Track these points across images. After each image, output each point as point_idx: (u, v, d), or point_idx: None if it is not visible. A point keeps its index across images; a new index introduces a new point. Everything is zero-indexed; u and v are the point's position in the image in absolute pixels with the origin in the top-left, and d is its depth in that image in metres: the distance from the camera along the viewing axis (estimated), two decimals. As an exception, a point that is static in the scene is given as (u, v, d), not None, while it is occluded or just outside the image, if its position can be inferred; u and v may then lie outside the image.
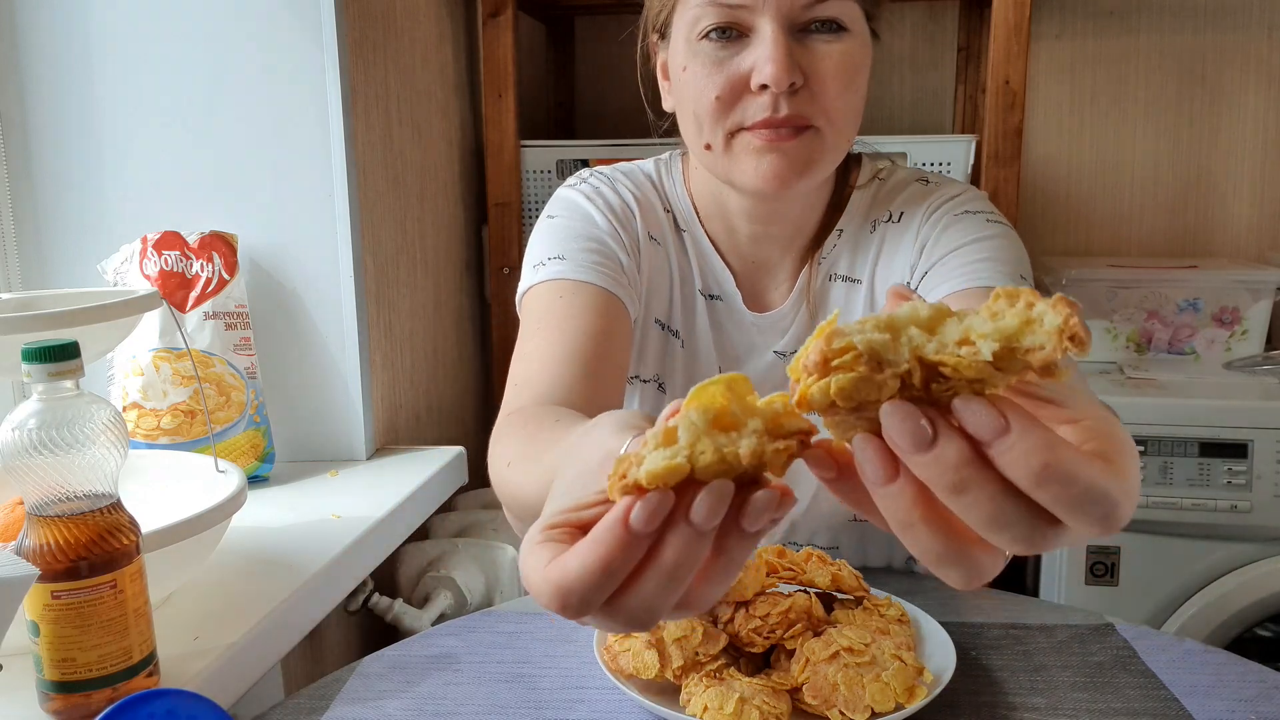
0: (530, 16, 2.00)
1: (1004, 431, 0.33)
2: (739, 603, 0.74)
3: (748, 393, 0.37)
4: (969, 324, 0.34)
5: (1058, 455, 0.32)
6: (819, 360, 0.34)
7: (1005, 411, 0.33)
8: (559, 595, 0.36)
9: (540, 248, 0.88)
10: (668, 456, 0.35)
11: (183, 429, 1.15)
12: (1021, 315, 0.33)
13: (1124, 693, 0.72)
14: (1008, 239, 0.84)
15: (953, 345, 0.34)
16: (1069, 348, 0.32)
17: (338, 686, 0.76)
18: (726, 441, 0.36)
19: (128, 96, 1.26)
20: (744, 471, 0.36)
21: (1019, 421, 0.33)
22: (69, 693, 0.67)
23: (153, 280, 1.18)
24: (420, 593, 1.43)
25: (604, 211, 0.90)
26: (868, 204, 0.92)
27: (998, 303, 0.34)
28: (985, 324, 0.33)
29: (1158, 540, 1.61)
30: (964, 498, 0.34)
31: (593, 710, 0.71)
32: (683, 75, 0.81)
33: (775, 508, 0.36)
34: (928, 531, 0.35)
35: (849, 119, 0.81)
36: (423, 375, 1.59)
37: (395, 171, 1.46)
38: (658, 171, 0.96)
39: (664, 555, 0.36)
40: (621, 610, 0.37)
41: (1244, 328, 1.80)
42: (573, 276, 0.84)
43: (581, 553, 0.36)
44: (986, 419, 0.33)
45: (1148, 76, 2.03)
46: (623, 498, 0.36)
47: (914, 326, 0.35)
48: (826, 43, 0.77)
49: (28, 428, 0.65)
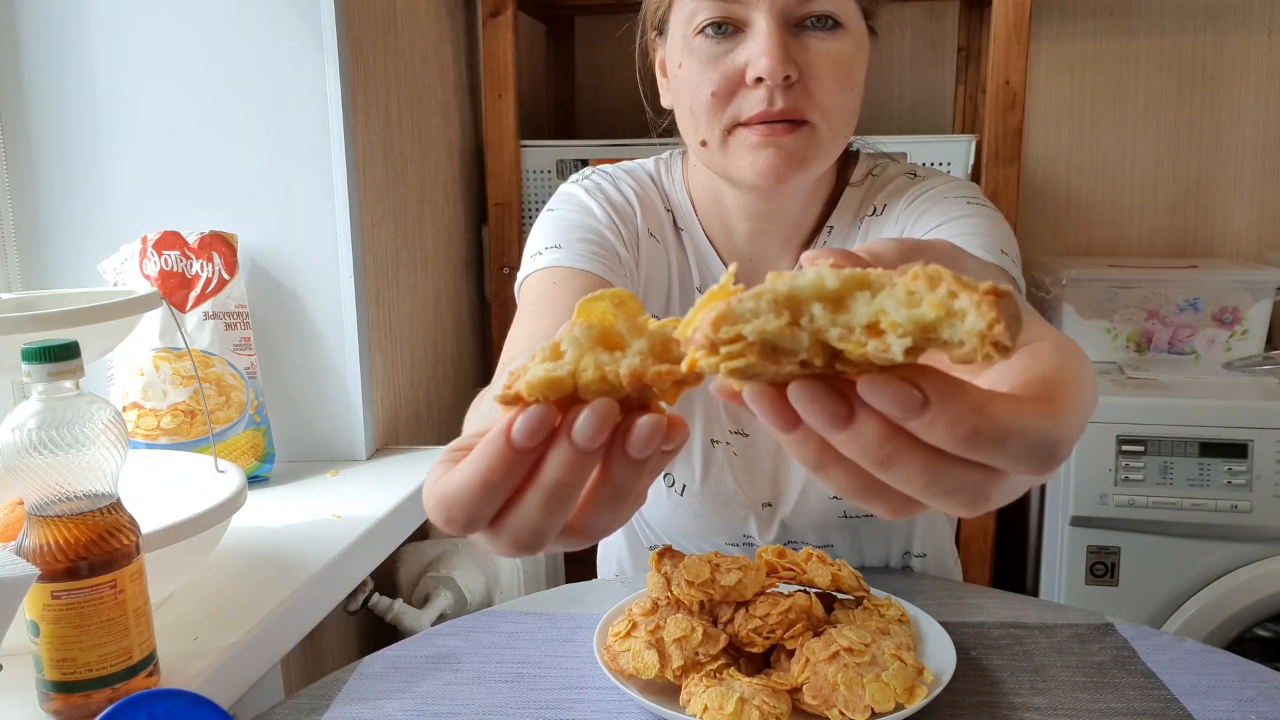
0: (530, 16, 2.00)
1: (922, 407, 0.30)
2: (739, 603, 0.74)
3: (638, 313, 0.35)
4: (880, 304, 0.30)
5: (985, 416, 0.30)
6: (704, 342, 0.31)
7: (920, 382, 0.30)
8: (443, 508, 0.36)
9: (538, 238, 0.89)
10: (549, 369, 0.34)
11: (183, 429, 1.15)
12: (941, 306, 0.29)
13: (1124, 693, 0.72)
14: (988, 218, 0.82)
15: (860, 331, 0.30)
16: (991, 352, 0.29)
17: (338, 686, 0.76)
18: (609, 360, 0.34)
19: (128, 97, 1.26)
20: (630, 395, 0.34)
21: (935, 390, 0.30)
22: (69, 693, 0.67)
23: (153, 280, 1.18)
24: (420, 593, 1.43)
25: (604, 205, 0.90)
26: (859, 201, 0.92)
27: (916, 282, 0.30)
28: (899, 310, 0.30)
29: (1158, 540, 1.61)
30: (894, 471, 0.32)
31: (593, 710, 0.71)
32: (679, 71, 0.81)
33: (663, 435, 0.34)
34: (842, 471, 0.33)
35: (844, 116, 0.81)
36: (423, 375, 1.59)
37: (395, 171, 1.46)
38: (658, 170, 0.96)
39: (545, 473, 0.35)
40: (505, 529, 0.36)
41: (1244, 328, 1.80)
42: (567, 264, 0.84)
43: (465, 467, 0.35)
44: (900, 398, 0.30)
45: (1148, 76, 2.03)
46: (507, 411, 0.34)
47: (818, 303, 0.31)
48: (822, 39, 0.77)
49: (28, 428, 0.65)
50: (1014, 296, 0.29)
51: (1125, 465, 1.59)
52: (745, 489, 0.93)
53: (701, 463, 0.92)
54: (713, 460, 0.92)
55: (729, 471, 0.93)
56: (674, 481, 0.93)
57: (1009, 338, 0.28)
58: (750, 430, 0.93)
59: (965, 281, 0.29)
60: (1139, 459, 1.59)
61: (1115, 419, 1.59)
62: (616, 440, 0.34)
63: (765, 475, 0.93)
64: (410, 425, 1.54)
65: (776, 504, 0.93)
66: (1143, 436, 1.58)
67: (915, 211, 0.86)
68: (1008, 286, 0.29)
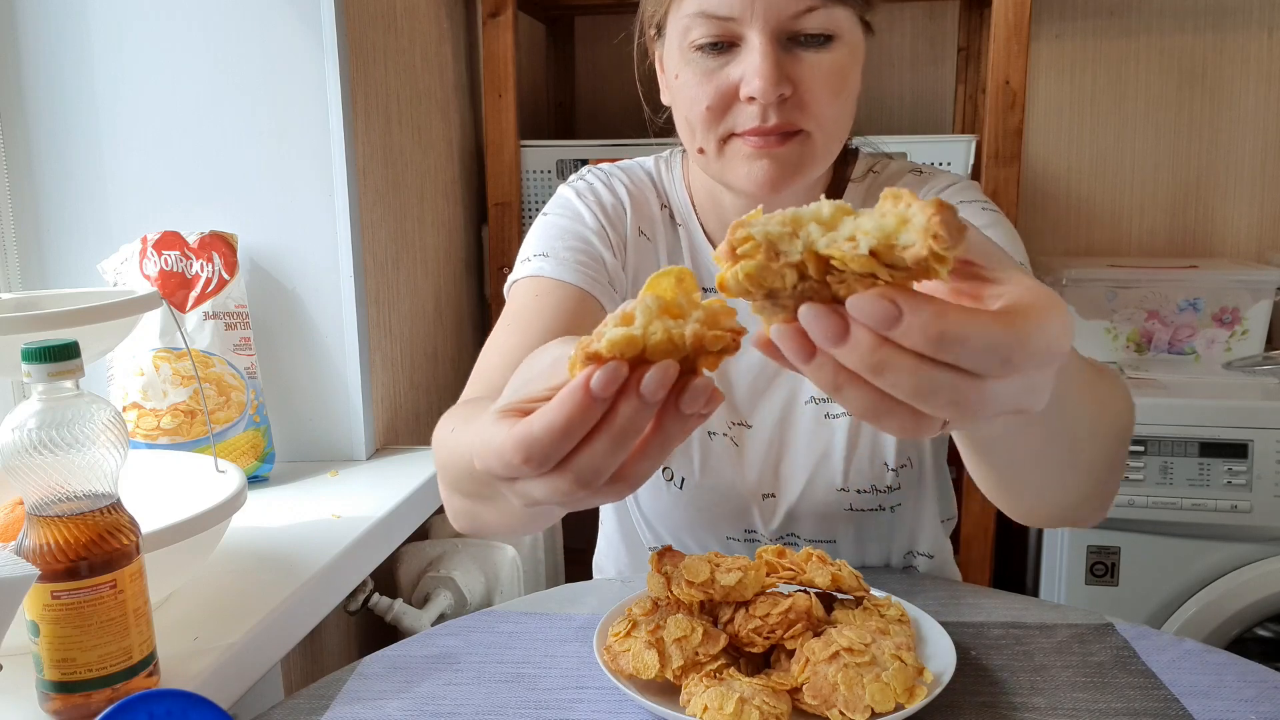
0: (530, 16, 2.00)
1: (896, 315, 0.37)
2: (739, 603, 0.74)
3: (694, 289, 0.43)
4: (858, 223, 0.38)
5: (949, 320, 0.37)
6: (727, 249, 0.40)
7: (895, 298, 0.37)
8: (524, 447, 0.42)
9: (531, 243, 0.91)
10: (625, 331, 0.41)
11: (183, 429, 1.16)
12: (899, 216, 0.37)
13: (1124, 693, 0.72)
14: (1002, 226, 0.86)
15: (843, 241, 0.38)
16: (932, 245, 0.36)
17: (338, 686, 0.76)
18: (674, 325, 0.42)
19: (128, 97, 1.26)
20: (686, 357, 0.42)
21: (908, 302, 0.37)
22: (69, 693, 0.67)
23: (153, 280, 1.18)
24: (420, 593, 1.43)
25: (594, 209, 0.91)
26: (861, 197, 0.93)
27: (885, 203, 0.38)
28: (870, 222, 0.38)
29: (1158, 540, 1.61)
30: (886, 376, 0.39)
31: (593, 710, 0.71)
32: (675, 82, 0.82)
33: (708, 397, 0.42)
34: (855, 391, 0.40)
35: (839, 123, 0.82)
36: (423, 375, 1.59)
37: (395, 172, 1.46)
38: (657, 168, 0.98)
39: (615, 420, 0.42)
40: (571, 468, 0.43)
41: (1244, 328, 1.80)
42: (552, 275, 0.86)
43: (546, 413, 0.42)
44: (877, 309, 0.37)
45: (1148, 76, 2.03)
46: (585, 368, 0.42)
47: (814, 223, 0.39)
48: (815, 53, 0.78)
49: (28, 428, 0.65)
50: (954, 210, 0.37)
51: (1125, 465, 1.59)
52: (745, 480, 0.93)
53: (699, 455, 0.93)
54: (710, 452, 0.93)
55: (727, 463, 0.93)
56: (673, 475, 0.94)
57: (946, 232, 0.36)
58: (752, 421, 0.93)
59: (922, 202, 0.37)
60: (1139, 459, 1.59)
61: (1115, 419, 1.59)
62: (671, 397, 0.42)
63: (767, 466, 0.93)
64: (410, 425, 1.54)
65: (779, 495, 0.93)
66: (1143, 436, 1.58)
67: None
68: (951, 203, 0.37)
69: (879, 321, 0.37)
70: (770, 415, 0.93)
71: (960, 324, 0.37)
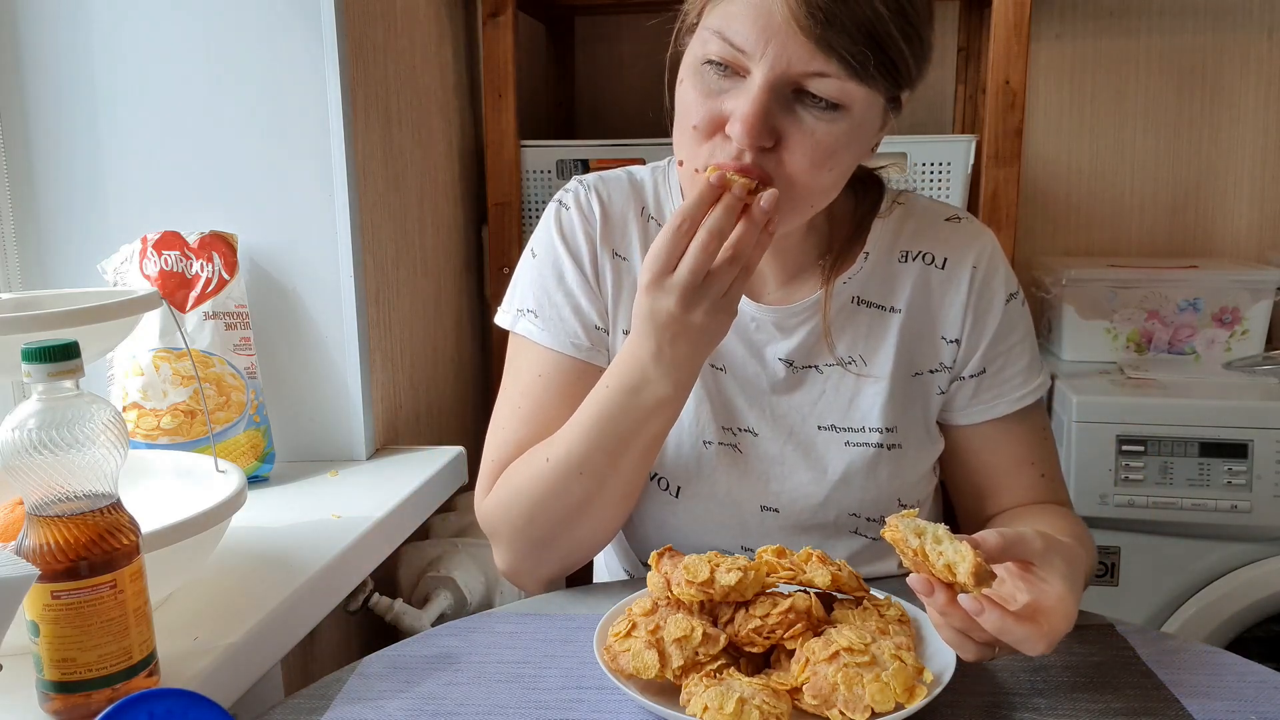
0: (530, 16, 2.00)
1: (979, 610, 0.66)
2: (739, 603, 0.74)
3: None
4: (947, 549, 0.67)
5: (986, 619, 0.66)
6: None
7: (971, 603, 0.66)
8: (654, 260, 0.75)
9: (519, 289, 0.97)
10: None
11: (183, 429, 1.15)
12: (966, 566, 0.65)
13: (1124, 693, 0.72)
14: (1029, 323, 0.96)
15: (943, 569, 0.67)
16: (970, 583, 0.65)
17: (338, 686, 0.76)
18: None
19: (128, 97, 1.26)
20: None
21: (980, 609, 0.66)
22: (69, 693, 0.67)
23: (153, 280, 1.18)
24: (420, 593, 1.43)
25: (569, 253, 0.94)
26: (893, 233, 0.94)
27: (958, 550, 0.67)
28: (959, 557, 0.66)
29: (1158, 540, 1.61)
30: (949, 619, 0.68)
31: (593, 710, 0.71)
32: (680, 86, 0.82)
33: (775, 205, 0.74)
34: (950, 624, 0.69)
35: (815, 192, 0.81)
36: (423, 375, 1.59)
37: (395, 172, 1.46)
38: (653, 179, 0.97)
39: (708, 220, 0.74)
40: (680, 271, 0.74)
41: (1244, 328, 1.80)
42: (546, 344, 0.93)
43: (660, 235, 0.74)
44: (933, 598, 0.68)
45: (1148, 77, 2.03)
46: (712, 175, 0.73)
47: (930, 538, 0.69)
48: (815, 117, 0.76)
49: (28, 428, 0.65)
50: (988, 569, 0.66)
51: (1125, 465, 1.59)
52: (741, 490, 0.93)
53: (694, 464, 0.93)
54: (704, 461, 0.93)
55: (722, 473, 0.93)
56: (667, 485, 0.93)
57: (978, 577, 0.65)
58: (759, 430, 0.93)
59: (962, 551, 0.65)
60: (1139, 459, 1.59)
61: (1115, 419, 1.59)
62: (747, 207, 0.72)
63: (768, 478, 0.93)
64: (410, 425, 1.54)
65: (780, 509, 0.93)
66: (1143, 436, 1.58)
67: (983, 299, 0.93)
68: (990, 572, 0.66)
69: (931, 605, 0.69)
70: (779, 428, 0.93)
71: (994, 628, 0.66)
